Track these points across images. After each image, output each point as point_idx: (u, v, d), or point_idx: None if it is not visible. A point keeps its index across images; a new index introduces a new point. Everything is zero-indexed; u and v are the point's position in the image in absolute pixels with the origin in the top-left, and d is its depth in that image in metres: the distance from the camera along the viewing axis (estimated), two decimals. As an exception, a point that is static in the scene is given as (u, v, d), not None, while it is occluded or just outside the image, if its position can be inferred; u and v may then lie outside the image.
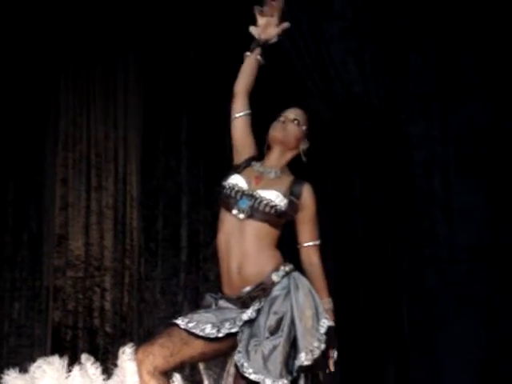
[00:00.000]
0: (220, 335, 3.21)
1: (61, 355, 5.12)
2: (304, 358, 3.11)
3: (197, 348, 3.24)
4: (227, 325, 3.23)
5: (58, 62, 6.04)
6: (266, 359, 3.09)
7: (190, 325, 3.24)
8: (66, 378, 4.93)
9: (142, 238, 5.97)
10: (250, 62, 3.51)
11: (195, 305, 5.67)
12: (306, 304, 3.20)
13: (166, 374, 3.26)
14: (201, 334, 3.21)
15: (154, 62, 6.04)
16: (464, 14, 5.31)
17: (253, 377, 3.09)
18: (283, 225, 3.41)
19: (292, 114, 3.50)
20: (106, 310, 5.85)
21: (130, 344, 5.13)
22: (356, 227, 5.37)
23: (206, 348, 3.25)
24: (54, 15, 5.99)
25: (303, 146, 3.48)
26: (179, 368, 3.49)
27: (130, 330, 5.84)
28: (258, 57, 3.51)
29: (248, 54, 3.53)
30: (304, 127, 3.48)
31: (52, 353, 5.42)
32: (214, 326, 3.23)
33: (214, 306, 3.38)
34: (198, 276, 5.90)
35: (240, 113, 3.47)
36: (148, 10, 6.00)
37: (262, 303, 3.25)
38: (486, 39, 5.27)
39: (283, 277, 3.29)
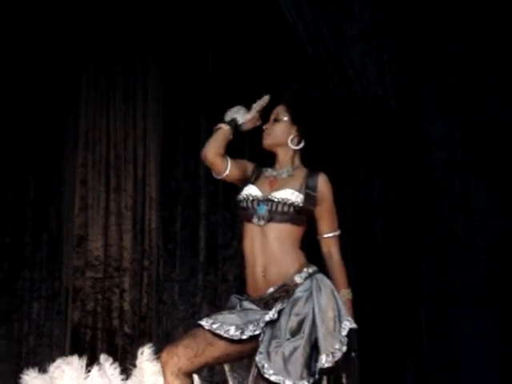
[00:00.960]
0: (243, 337, 3.24)
1: (80, 355, 5.15)
2: (325, 360, 3.11)
3: (221, 349, 3.26)
4: (251, 327, 3.25)
5: (79, 64, 6.07)
6: (286, 360, 3.10)
7: (215, 326, 3.27)
8: (85, 378, 4.95)
9: (160, 239, 5.98)
10: (225, 132, 3.49)
11: (213, 306, 5.68)
12: (329, 306, 3.19)
13: (190, 376, 3.27)
14: (225, 335, 3.24)
15: (173, 64, 6.05)
16: (483, 14, 5.29)
17: (273, 378, 3.09)
18: (306, 222, 3.42)
19: (271, 117, 3.56)
20: (125, 311, 5.87)
21: (149, 345, 5.16)
22: (375, 229, 5.36)
23: (230, 349, 3.27)
24: (73, 18, 6.02)
25: (292, 134, 3.50)
26: (203, 369, 3.49)
27: (148, 330, 5.84)
28: (231, 136, 3.51)
29: (225, 127, 3.50)
30: (285, 118, 3.52)
31: (71, 353, 5.43)
32: (237, 327, 3.26)
33: (238, 307, 3.40)
34: (216, 277, 5.90)
35: (226, 171, 3.48)
36: (167, 13, 6.01)
37: (285, 304, 3.26)
38: (506, 40, 5.25)
39: (306, 278, 3.30)
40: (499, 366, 5.10)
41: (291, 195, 3.37)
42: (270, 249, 3.34)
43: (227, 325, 3.26)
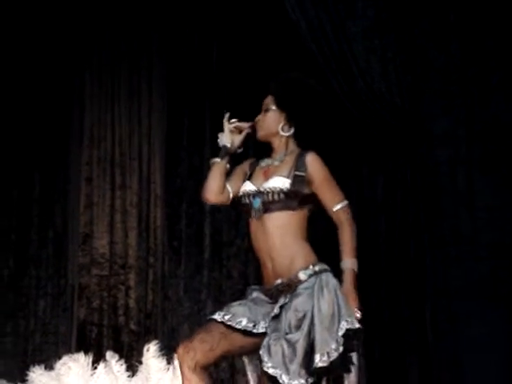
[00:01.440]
0: (255, 331, 3.26)
1: (86, 352, 5.15)
2: (319, 360, 3.09)
3: (235, 341, 3.29)
4: (262, 323, 3.28)
5: (83, 61, 6.08)
6: (285, 356, 3.10)
7: (227, 317, 3.30)
8: (91, 375, 4.95)
9: (165, 236, 6.00)
10: (220, 167, 3.51)
11: (218, 302, 5.69)
12: (329, 307, 3.18)
13: (207, 369, 3.28)
14: (237, 326, 3.27)
15: (178, 61, 6.07)
16: (487, 12, 5.29)
17: (271, 371, 3.10)
18: (303, 206, 3.40)
19: (262, 108, 3.56)
20: (131, 308, 5.88)
21: (155, 341, 5.16)
22: (379, 226, 5.36)
23: (243, 341, 3.30)
24: (78, 14, 6.03)
25: (282, 122, 3.50)
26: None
27: (154, 327, 5.86)
28: (228, 165, 3.53)
29: (217, 160, 3.52)
30: (274, 107, 3.52)
31: (77, 350, 5.44)
32: (249, 320, 3.29)
33: (249, 297, 3.42)
34: (221, 274, 5.92)
35: (230, 198, 3.51)
36: (171, 9, 6.02)
37: (287, 299, 3.27)
38: (510, 37, 5.24)
39: (310, 276, 3.30)
40: (504, 362, 5.10)
41: (279, 182, 3.38)
42: (271, 239, 3.36)
43: (239, 316, 3.29)
